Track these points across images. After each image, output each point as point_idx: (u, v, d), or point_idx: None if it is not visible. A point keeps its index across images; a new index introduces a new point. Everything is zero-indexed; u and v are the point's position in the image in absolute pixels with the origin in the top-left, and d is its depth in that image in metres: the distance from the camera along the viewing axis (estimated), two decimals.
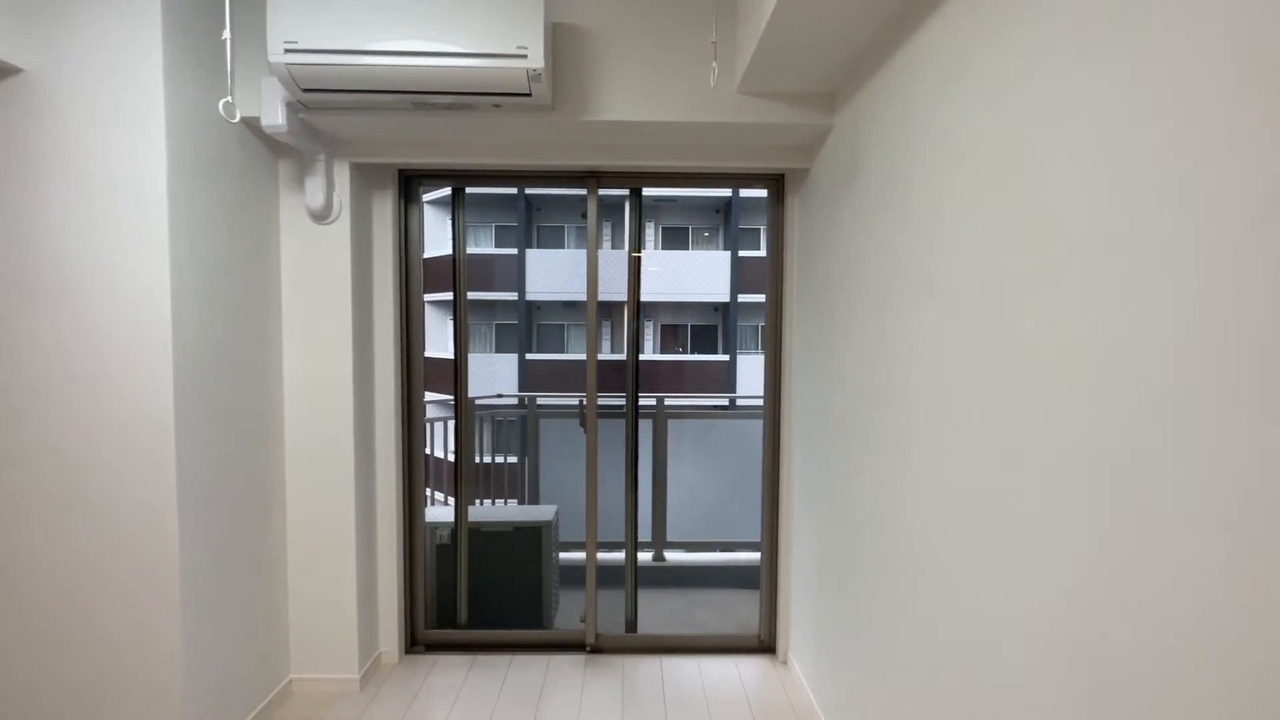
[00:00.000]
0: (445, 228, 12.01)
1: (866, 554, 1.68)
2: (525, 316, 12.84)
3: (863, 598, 1.70)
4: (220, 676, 1.89)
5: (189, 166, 1.74)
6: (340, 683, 2.27)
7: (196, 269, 1.78)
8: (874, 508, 1.62)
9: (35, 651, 1.72)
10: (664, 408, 3.62)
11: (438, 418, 3.81)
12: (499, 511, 3.00)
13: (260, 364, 2.09)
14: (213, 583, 1.86)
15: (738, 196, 12.72)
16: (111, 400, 1.69)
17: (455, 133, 2.12)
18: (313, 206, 2.13)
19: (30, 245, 1.66)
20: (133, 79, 1.64)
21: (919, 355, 1.36)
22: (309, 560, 2.25)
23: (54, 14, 1.63)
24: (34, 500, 1.70)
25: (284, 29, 1.72)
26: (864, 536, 1.70)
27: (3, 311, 1.67)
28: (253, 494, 2.05)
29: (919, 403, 1.36)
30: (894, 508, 1.50)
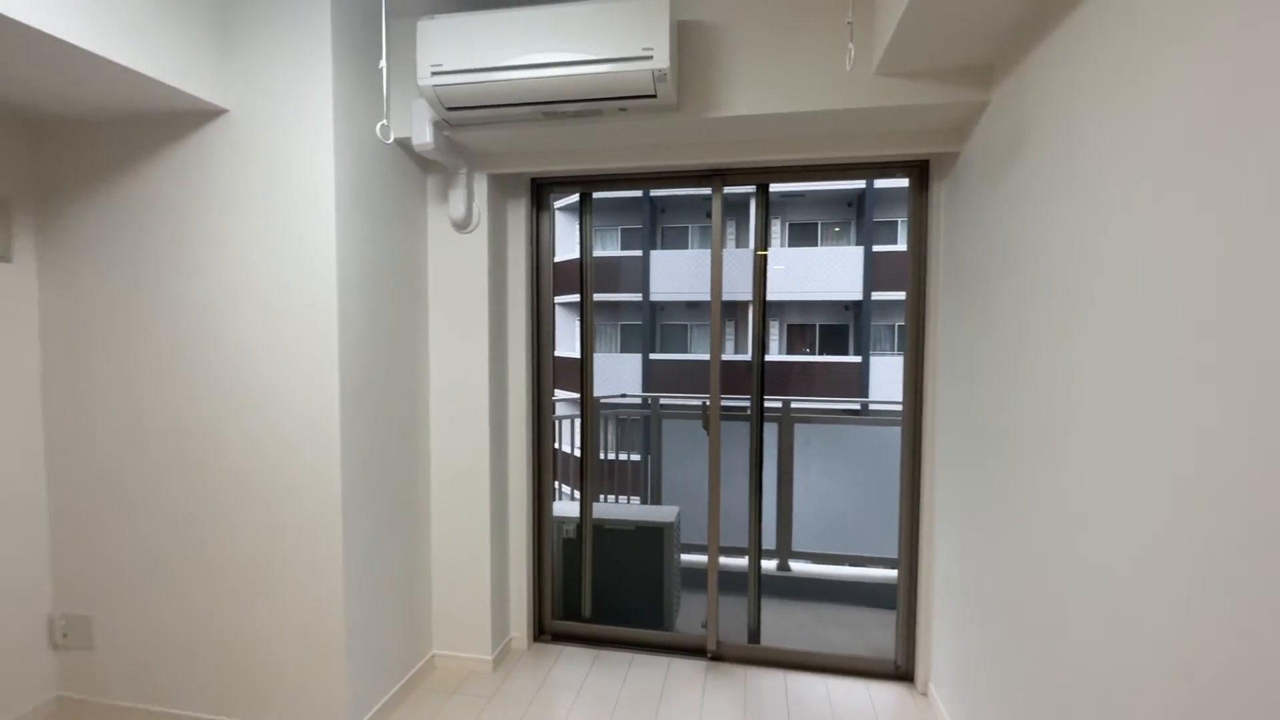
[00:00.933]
0: (574, 232, 12.55)
1: (1032, 592, 1.47)
2: (649, 317, 13.03)
3: (1026, 638, 1.50)
4: (376, 641, 2.09)
5: (352, 186, 1.94)
6: (475, 662, 2.43)
7: (358, 279, 1.98)
8: (1042, 538, 1.42)
9: (233, 604, 2.01)
10: (790, 411, 3.48)
11: (565, 415, 3.97)
12: (622, 510, 3.05)
13: (410, 363, 2.28)
14: (365, 553, 2.06)
15: (872, 188, 11.98)
16: (293, 396, 1.92)
17: (583, 140, 2.17)
18: (455, 217, 2.30)
19: (235, 261, 1.94)
20: (308, 112, 1.86)
21: (1111, 365, 1.16)
22: (449, 545, 2.43)
23: (250, 62, 1.88)
24: (234, 481, 1.99)
25: (431, 54, 1.86)
26: (1026, 570, 1.49)
27: (212, 319, 1.96)
28: (403, 479, 2.25)
29: (1109, 422, 1.16)
30: (1070, 542, 1.30)
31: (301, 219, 1.88)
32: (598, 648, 2.60)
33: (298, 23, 1.84)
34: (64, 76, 1.67)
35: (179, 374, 2.00)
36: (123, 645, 2.11)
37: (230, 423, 1.98)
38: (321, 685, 1.96)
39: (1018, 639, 1.53)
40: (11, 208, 2.04)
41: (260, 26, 1.87)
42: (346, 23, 1.89)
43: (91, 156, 2.04)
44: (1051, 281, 1.38)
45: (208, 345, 1.97)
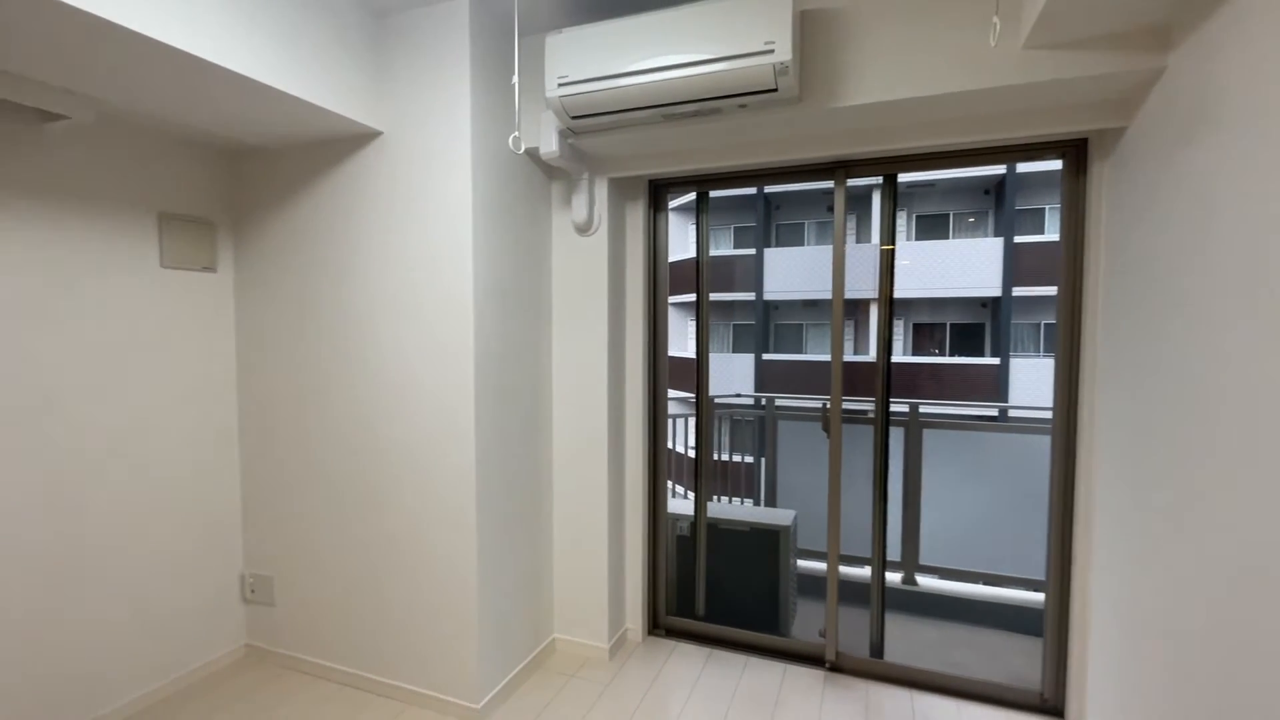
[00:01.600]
0: (686, 233, 12.59)
1: (1230, 631, 1.28)
2: (763, 316, 12.77)
3: (1220, 684, 1.30)
4: (504, 620, 2.24)
5: (486, 196, 2.09)
6: (592, 649, 2.52)
7: (491, 283, 2.12)
8: (1245, 572, 1.23)
9: (384, 577, 2.24)
10: (918, 415, 3.27)
11: (677, 414, 4.00)
12: (737, 510, 3.02)
13: (535, 362, 2.41)
14: (496, 536, 2.20)
15: (1014, 173, 10.91)
16: (435, 392, 2.11)
17: (700, 139, 2.18)
18: (577, 221, 2.39)
19: (387, 269, 2.15)
20: (449, 129, 2.02)
21: None
22: (569, 535, 2.54)
23: (400, 87, 2.09)
24: (387, 468, 2.21)
25: (558, 67, 1.95)
26: (1219, 608, 1.30)
27: (370, 322, 2.20)
28: (529, 469, 2.38)
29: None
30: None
31: (443, 229, 2.06)
32: (711, 646, 2.60)
33: (440, 49, 2.01)
34: (257, 112, 1.94)
35: (342, 370, 2.26)
36: (297, 603, 2.43)
37: (384, 416, 2.20)
38: (458, 657, 2.13)
39: (1211, 685, 1.33)
40: (216, 227, 2.41)
41: (408, 55, 2.06)
42: (482, 44, 2.03)
43: (273, 180, 2.36)
44: (1254, 275, 1.19)
45: (365, 345, 2.21)
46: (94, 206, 2.04)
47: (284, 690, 2.30)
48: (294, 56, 1.80)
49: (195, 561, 2.37)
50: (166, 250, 2.23)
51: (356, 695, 2.27)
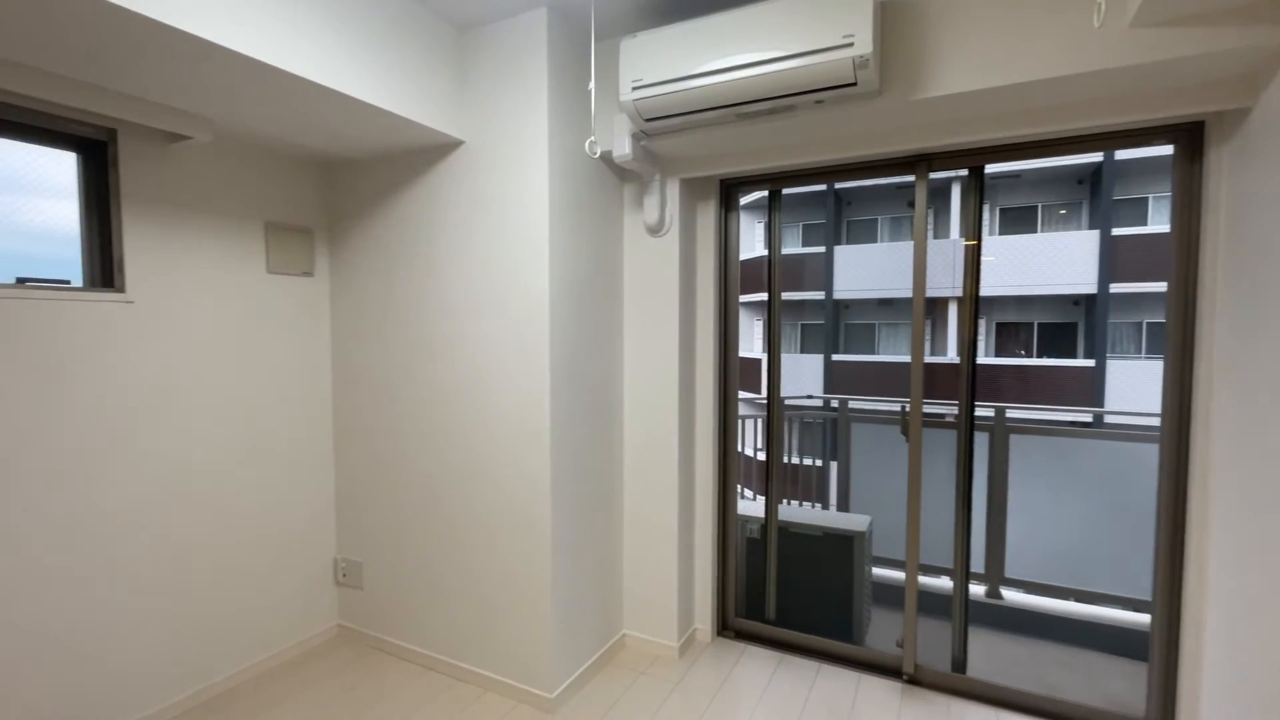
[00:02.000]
0: (753, 232, 12.42)
1: None
2: (832, 316, 12.42)
3: None
4: (576, 614, 2.29)
5: (562, 201, 2.14)
6: (662, 647, 2.53)
7: (565, 285, 2.18)
8: None
9: (466, 567, 2.34)
10: (1005, 420, 3.10)
11: (745, 415, 3.95)
12: (809, 514, 2.96)
13: (607, 361, 2.45)
14: (569, 530, 2.25)
15: (1112, 160, 10.12)
16: (513, 390, 2.18)
17: (773, 137, 2.15)
18: (649, 222, 2.42)
19: (468, 271, 2.25)
20: (527, 136, 2.09)
21: None
22: (639, 533, 2.56)
23: (480, 99, 2.17)
24: (469, 461, 2.31)
25: (632, 71, 1.97)
26: None
27: (452, 321, 2.30)
28: (600, 466, 2.43)
29: None
30: None
31: (520, 232, 2.13)
32: (781, 651, 2.56)
33: (519, 59, 2.08)
34: (354, 127, 2.08)
35: (424, 369, 2.38)
36: (384, 588, 2.57)
37: (463, 412, 2.30)
38: (532, 647, 2.20)
39: None
40: (314, 234, 2.59)
41: (489, 66, 2.14)
42: (558, 52, 2.09)
43: (363, 189, 2.51)
44: None
45: (446, 344, 2.32)
46: (211, 217, 2.23)
47: (371, 669, 2.44)
48: (389, 74, 1.91)
49: (296, 545, 2.55)
50: (272, 256, 2.42)
51: (437, 678, 2.38)
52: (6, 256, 1.84)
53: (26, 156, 1.91)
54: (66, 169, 1.99)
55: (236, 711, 2.18)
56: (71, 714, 1.90)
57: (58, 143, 1.94)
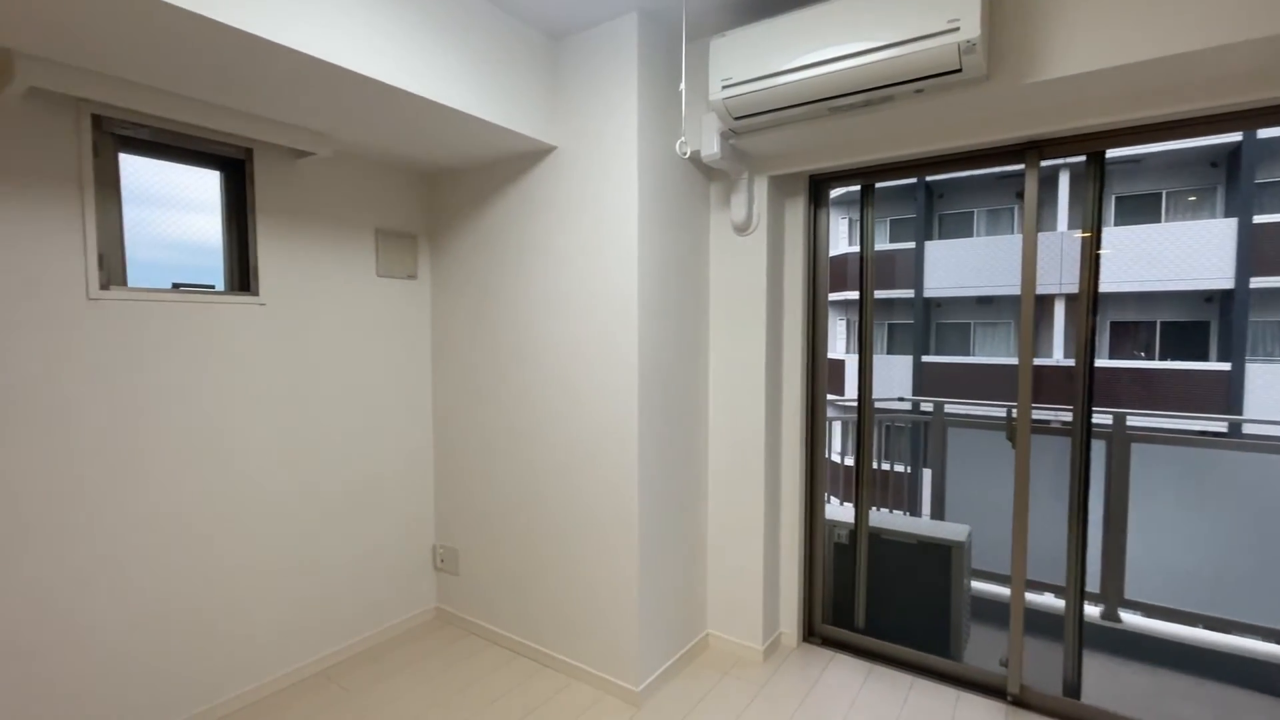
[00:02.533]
0: (836, 228, 12.01)
1: None
2: (923, 315, 11.82)
3: None
4: (662, 610, 2.31)
5: (650, 202, 2.17)
6: (746, 649, 2.51)
7: (653, 285, 2.20)
8: None
9: (556, 559, 2.42)
10: (1125, 428, 2.84)
11: (831, 417, 3.84)
12: (902, 521, 2.84)
13: (692, 361, 2.46)
14: (656, 527, 2.28)
15: (1253, 140, 9.03)
16: (601, 389, 2.24)
17: (866, 129, 2.08)
18: (736, 220, 2.40)
19: (558, 273, 2.32)
20: (617, 138, 2.13)
21: None
22: (724, 533, 2.55)
23: (572, 105, 2.24)
24: (557, 457, 2.39)
25: (722, 69, 1.97)
26: None
27: (542, 321, 2.38)
28: (686, 464, 2.44)
29: None
30: None
31: (609, 233, 2.18)
32: (871, 661, 2.48)
33: (610, 64, 2.12)
34: (455, 137, 2.20)
35: (518, 365, 2.48)
36: (479, 575, 2.70)
37: (553, 410, 2.38)
38: (619, 640, 2.24)
39: None
40: (417, 239, 2.76)
41: (580, 72, 2.20)
42: (647, 55, 2.12)
43: (461, 196, 2.65)
44: None
45: (538, 344, 2.41)
46: (329, 225, 2.43)
47: (465, 651, 2.58)
48: (490, 87, 2.01)
49: (399, 530, 2.73)
50: (381, 260, 2.60)
51: (527, 664, 2.48)
52: (164, 265, 2.08)
53: (177, 176, 2.15)
54: (209, 186, 2.22)
55: (350, 682, 2.36)
56: (217, 669, 2.13)
57: (204, 162, 2.17)
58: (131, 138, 1.93)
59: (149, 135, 1.95)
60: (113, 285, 1.89)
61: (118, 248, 1.91)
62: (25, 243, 1.72)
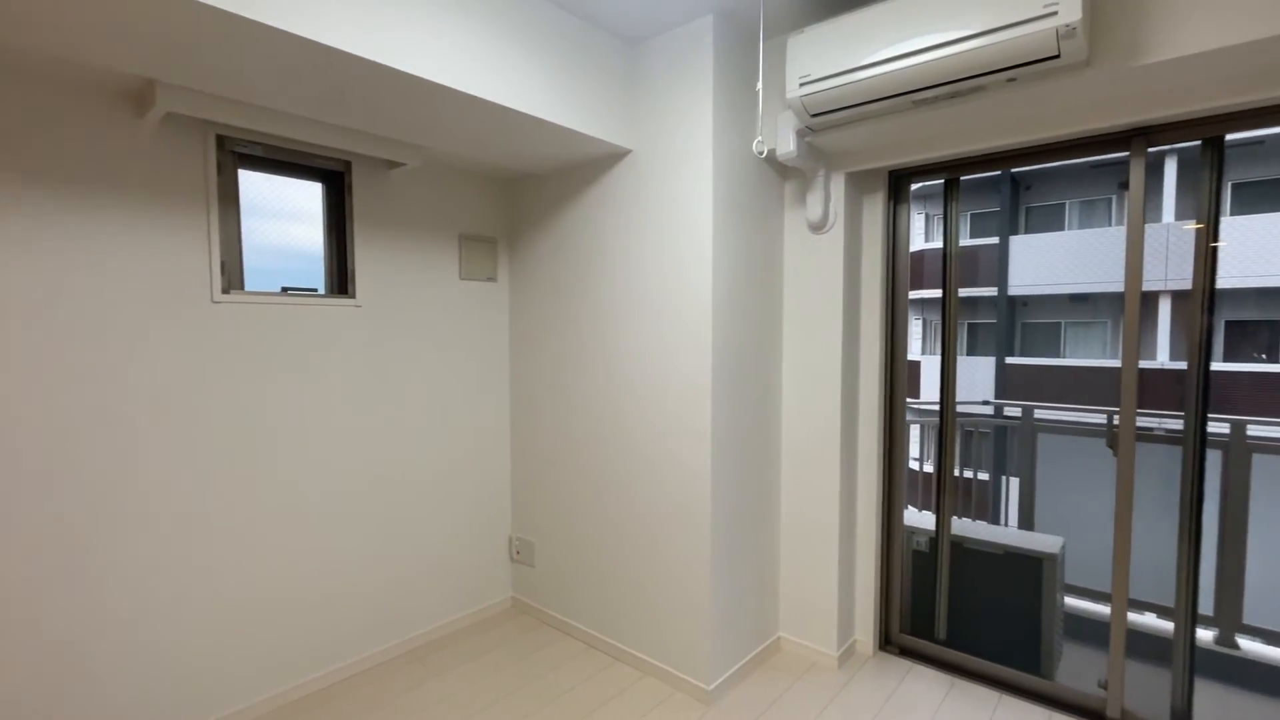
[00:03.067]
0: (914, 224, 11.49)
1: None
2: (1006, 314, 11.16)
3: None
4: (733, 610, 2.31)
5: (725, 202, 2.18)
6: (819, 655, 2.47)
7: (727, 285, 2.21)
8: None
9: (628, 554, 2.46)
10: (1245, 437, 2.60)
11: (909, 421, 3.70)
12: (988, 530, 2.71)
13: (766, 361, 2.44)
14: (729, 528, 2.28)
15: None
16: (674, 388, 2.26)
17: (951, 122, 2.00)
18: (812, 219, 2.37)
19: (632, 274, 2.37)
20: (692, 140, 2.15)
21: None
22: (797, 535, 2.52)
23: (647, 108, 2.27)
24: (631, 454, 2.43)
25: (800, 67, 1.95)
26: None
27: (615, 321, 2.43)
28: (758, 465, 2.42)
29: None
30: None
31: (684, 234, 2.19)
32: (953, 675, 2.38)
33: (686, 67, 2.14)
34: (536, 144, 2.28)
35: (590, 365, 2.54)
36: (553, 567, 2.79)
37: (626, 408, 2.42)
38: (691, 638, 2.26)
39: None
40: (497, 243, 2.87)
41: (656, 76, 2.23)
42: (723, 56, 2.12)
43: (539, 200, 2.74)
44: None
45: (611, 343, 2.46)
46: (417, 231, 2.57)
47: (541, 641, 2.66)
48: (570, 94, 2.07)
49: (478, 522, 2.86)
50: (464, 264, 2.73)
51: (600, 657, 2.53)
52: (274, 271, 2.27)
53: (285, 189, 2.33)
54: (312, 197, 2.40)
55: (432, 664, 2.49)
56: (319, 644, 2.31)
57: (309, 175, 2.35)
58: (248, 155, 2.12)
59: (263, 152, 2.13)
60: (232, 289, 2.07)
61: (236, 255, 2.10)
62: (164, 252, 1.92)
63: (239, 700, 2.12)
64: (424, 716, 2.15)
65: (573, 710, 2.18)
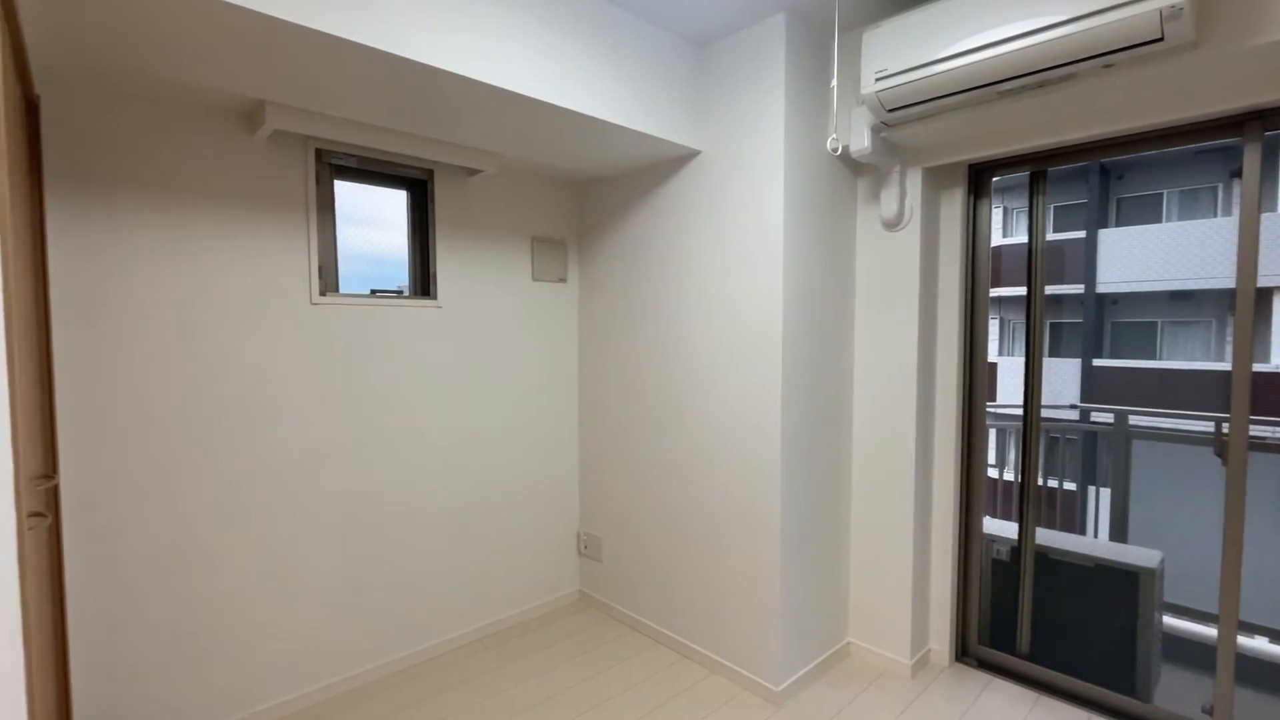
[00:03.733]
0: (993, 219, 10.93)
1: None
2: (1094, 313, 10.46)
3: None
4: (802, 613, 2.29)
5: (796, 201, 2.16)
6: (891, 662, 2.41)
7: (798, 285, 2.19)
8: None
9: (694, 552, 2.48)
10: None
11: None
12: (1076, 541, 2.56)
13: (837, 361, 2.40)
14: (798, 529, 2.26)
15: None
16: (743, 388, 2.26)
17: (1039, 112, 1.92)
18: (886, 216, 2.31)
19: (701, 274, 2.38)
20: (763, 139, 2.14)
21: None
22: (868, 539, 2.47)
23: (717, 108, 2.28)
24: (698, 453, 2.45)
25: (875, 61, 1.92)
26: None
27: (684, 321, 2.45)
28: (828, 467, 2.39)
29: None
30: None
31: (754, 235, 2.19)
32: (1037, 691, 2.27)
33: (757, 66, 2.14)
34: (607, 148, 2.33)
35: (658, 364, 2.57)
36: (620, 562, 2.84)
37: (695, 407, 2.44)
38: (759, 638, 2.25)
39: None
40: (567, 245, 2.95)
41: (726, 77, 2.24)
42: (794, 55, 2.11)
43: (608, 203, 2.79)
44: None
45: (679, 343, 2.48)
46: (493, 235, 2.68)
47: (608, 635, 2.72)
48: (641, 98, 2.12)
49: (547, 517, 2.94)
50: (536, 266, 2.82)
51: (666, 653, 2.56)
52: (364, 275, 2.42)
53: (373, 198, 2.48)
54: (398, 205, 2.54)
55: (504, 652, 2.59)
56: (401, 625, 2.45)
57: (395, 184, 2.49)
58: (343, 166, 2.27)
59: (356, 163, 2.28)
60: (328, 292, 2.23)
61: (332, 260, 2.25)
62: (269, 258, 2.08)
63: (329, 675, 2.28)
64: (501, 699, 2.24)
65: (643, 702, 2.22)
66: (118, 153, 1.82)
